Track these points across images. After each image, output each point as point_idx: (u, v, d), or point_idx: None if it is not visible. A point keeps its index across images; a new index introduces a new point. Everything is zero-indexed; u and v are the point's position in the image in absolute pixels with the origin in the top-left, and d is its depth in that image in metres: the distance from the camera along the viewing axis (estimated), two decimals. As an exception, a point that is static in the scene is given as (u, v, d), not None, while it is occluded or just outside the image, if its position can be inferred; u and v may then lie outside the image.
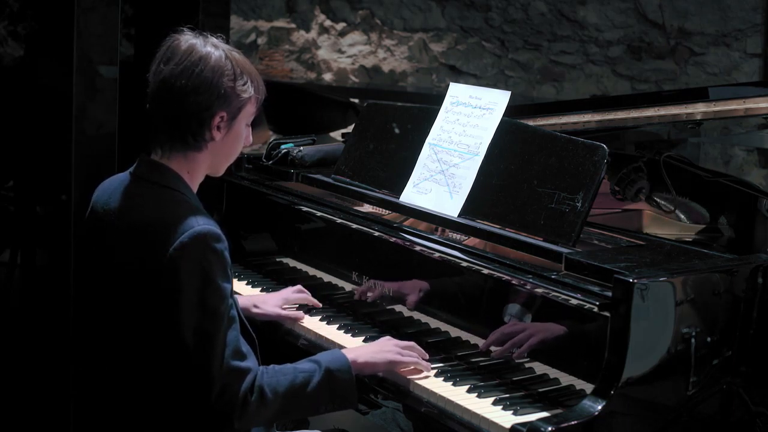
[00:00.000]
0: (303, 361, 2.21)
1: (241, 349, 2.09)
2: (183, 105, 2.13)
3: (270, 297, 2.72)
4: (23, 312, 4.06)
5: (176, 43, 2.17)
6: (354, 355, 2.27)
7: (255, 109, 2.24)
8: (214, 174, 2.29)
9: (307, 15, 6.68)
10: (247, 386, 2.07)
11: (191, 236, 2.04)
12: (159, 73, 2.15)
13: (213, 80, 2.13)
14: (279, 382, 2.11)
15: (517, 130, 2.58)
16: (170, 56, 2.15)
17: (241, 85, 2.17)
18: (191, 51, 2.15)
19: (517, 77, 6.59)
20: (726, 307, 2.26)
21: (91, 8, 3.42)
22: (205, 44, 2.16)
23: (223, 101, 2.15)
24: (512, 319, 2.33)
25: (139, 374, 2.15)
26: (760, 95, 2.60)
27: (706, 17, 6.17)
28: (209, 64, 2.13)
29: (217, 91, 2.13)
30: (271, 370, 2.14)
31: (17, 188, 4.26)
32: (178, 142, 2.17)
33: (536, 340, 2.27)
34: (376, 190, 2.85)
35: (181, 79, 2.12)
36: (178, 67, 2.13)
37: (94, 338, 2.26)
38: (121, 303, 2.14)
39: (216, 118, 2.15)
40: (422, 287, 2.57)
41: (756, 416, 2.34)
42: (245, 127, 2.24)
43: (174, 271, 2.03)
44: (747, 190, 2.77)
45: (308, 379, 2.15)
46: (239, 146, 2.25)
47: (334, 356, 2.23)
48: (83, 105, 3.45)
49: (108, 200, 2.21)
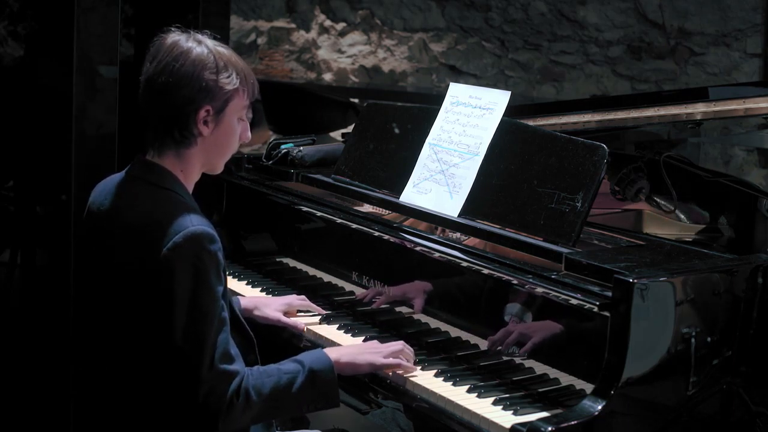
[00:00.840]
0: (287, 362, 2.22)
1: (230, 351, 2.10)
2: (166, 101, 2.14)
3: (273, 301, 2.72)
4: (23, 312, 4.06)
5: (161, 41, 2.19)
6: (336, 355, 2.28)
7: (245, 102, 2.22)
8: (212, 172, 2.28)
9: (307, 15, 6.68)
10: (234, 389, 2.07)
11: (185, 236, 2.05)
12: (145, 72, 2.18)
13: (194, 74, 2.13)
14: (264, 384, 2.12)
15: (517, 130, 2.58)
16: (154, 55, 2.17)
17: (225, 77, 2.16)
18: (173, 48, 2.16)
19: (517, 77, 6.59)
20: (726, 307, 2.26)
21: (91, 8, 3.42)
22: (187, 40, 2.17)
23: (205, 94, 2.14)
24: (513, 319, 2.33)
25: (132, 373, 2.15)
26: (760, 95, 2.60)
27: (706, 17, 6.17)
28: (189, 58, 2.14)
29: (198, 85, 2.13)
30: (256, 372, 2.14)
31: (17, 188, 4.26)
32: (168, 138, 2.17)
33: (538, 339, 2.28)
34: (376, 190, 2.85)
35: (163, 76, 2.13)
36: (160, 65, 2.14)
37: (92, 338, 2.26)
38: (116, 302, 2.14)
39: (201, 112, 2.15)
40: (422, 287, 2.57)
41: (756, 416, 2.34)
42: (238, 121, 2.22)
43: (167, 271, 2.04)
44: (747, 190, 2.77)
45: (292, 381, 2.16)
46: (232, 142, 2.23)
47: (317, 357, 2.24)
48: (83, 105, 3.45)
49: (103, 201, 2.21)
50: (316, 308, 2.71)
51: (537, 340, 2.28)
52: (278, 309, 2.66)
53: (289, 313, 2.68)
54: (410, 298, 2.59)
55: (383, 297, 2.66)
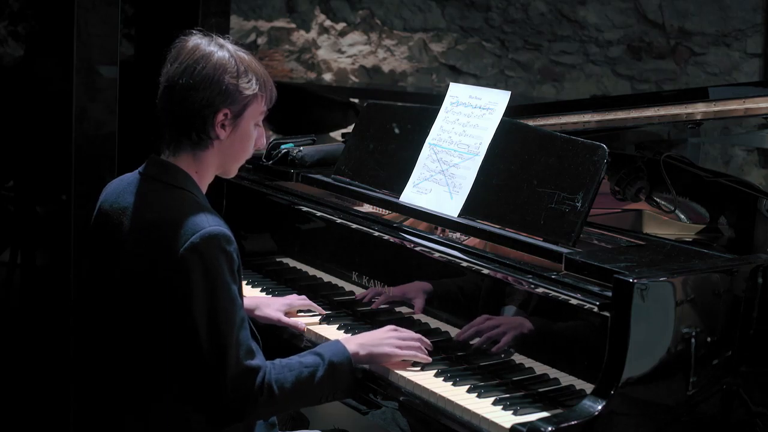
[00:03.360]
0: (306, 354, 2.23)
1: (251, 347, 2.12)
2: (185, 103, 2.15)
3: (273, 301, 2.72)
4: (23, 312, 4.06)
5: (182, 44, 2.20)
6: (355, 347, 2.30)
7: (263, 108, 2.24)
8: (226, 175, 2.30)
9: (307, 15, 6.68)
10: (258, 384, 2.10)
11: (202, 237, 2.06)
12: (165, 73, 2.19)
13: (214, 77, 2.14)
14: (286, 378, 2.15)
15: (517, 130, 2.58)
16: (176, 56, 2.19)
17: (245, 82, 2.18)
18: (194, 50, 2.17)
19: (517, 77, 6.59)
20: (726, 307, 2.26)
21: (91, 8, 3.42)
22: (209, 44, 2.19)
23: (225, 98, 2.16)
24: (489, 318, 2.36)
25: (149, 372, 2.15)
26: (760, 95, 2.59)
27: (706, 17, 6.17)
28: (211, 61, 2.16)
29: (218, 88, 2.15)
30: (278, 365, 2.17)
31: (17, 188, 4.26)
32: (184, 140, 2.19)
33: (518, 332, 2.30)
34: (376, 190, 2.85)
35: (183, 77, 2.15)
36: (181, 66, 2.16)
37: (101, 339, 2.26)
38: (131, 303, 2.14)
39: (219, 115, 2.16)
40: (422, 287, 2.57)
41: (756, 416, 2.34)
42: (254, 127, 2.24)
43: (185, 272, 2.05)
44: (747, 190, 2.77)
45: (313, 374, 2.18)
46: (248, 146, 2.25)
47: (336, 349, 2.26)
48: (83, 105, 3.45)
49: (117, 199, 2.21)
50: (317, 308, 2.71)
51: (517, 334, 2.31)
52: (279, 309, 2.67)
53: (289, 313, 2.69)
54: (410, 298, 2.59)
55: (383, 297, 2.66)
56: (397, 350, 2.34)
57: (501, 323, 2.35)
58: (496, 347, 2.35)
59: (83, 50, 3.41)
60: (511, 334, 2.32)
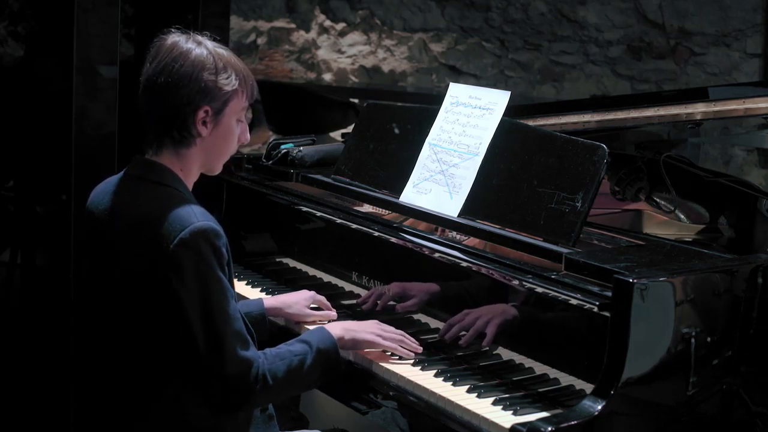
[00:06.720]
0: (294, 342, 2.28)
1: (246, 338, 2.15)
2: (165, 101, 2.15)
3: (298, 296, 2.70)
4: (23, 312, 4.06)
5: (161, 42, 2.21)
6: (340, 332, 2.36)
7: (244, 104, 2.24)
8: (210, 173, 2.29)
9: (307, 15, 6.68)
10: (254, 374, 2.13)
11: (191, 232, 2.06)
12: (145, 72, 2.20)
13: (193, 74, 2.14)
14: (278, 367, 2.18)
15: (517, 130, 2.58)
16: (154, 55, 2.19)
17: (224, 78, 2.17)
18: (172, 48, 2.18)
19: (517, 77, 6.59)
20: (726, 307, 2.26)
21: (91, 8, 3.42)
22: (187, 41, 2.19)
23: (204, 95, 2.16)
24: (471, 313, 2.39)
25: (146, 368, 2.16)
26: (760, 95, 2.59)
27: (706, 17, 6.17)
28: (189, 59, 2.16)
29: (197, 86, 2.15)
30: (270, 355, 2.20)
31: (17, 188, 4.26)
32: (166, 138, 2.19)
33: (501, 319, 2.33)
34: (376, 190, 2.85)
35: (162, 76, 2.15)
36: (160, 65, 2.16)
37: (99, 338, 2.27)
38: (126, 301, 2.15)
39: (200, 112, 2.16)
40: (422, 287, 2.57)
41: (756, 416, 2.34)
42: (237, 122, 2.24)
43: (175, 268, 2.06)
44: (747, 190, 2.77)
45: (303, 361, 2.23)
46: (231, 143, 2.25)
47: (322, 335, 2.32)
48: (83, 105, 3.45)
49: (102, 200, 2.22)
50: (328, 305, 2.71)
51: (501, 321, 2.33)
52: (306, 304, 2.68)
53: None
54: (410, 298, 2.59)
55: (383, 297, 2.66)
56: (379, 339, 2.40)
57: (482, 314, 2.36)
58: (484, 341, 2.35)
59: (83, 50, 3.41)
60: (494, 322, 2.35)
